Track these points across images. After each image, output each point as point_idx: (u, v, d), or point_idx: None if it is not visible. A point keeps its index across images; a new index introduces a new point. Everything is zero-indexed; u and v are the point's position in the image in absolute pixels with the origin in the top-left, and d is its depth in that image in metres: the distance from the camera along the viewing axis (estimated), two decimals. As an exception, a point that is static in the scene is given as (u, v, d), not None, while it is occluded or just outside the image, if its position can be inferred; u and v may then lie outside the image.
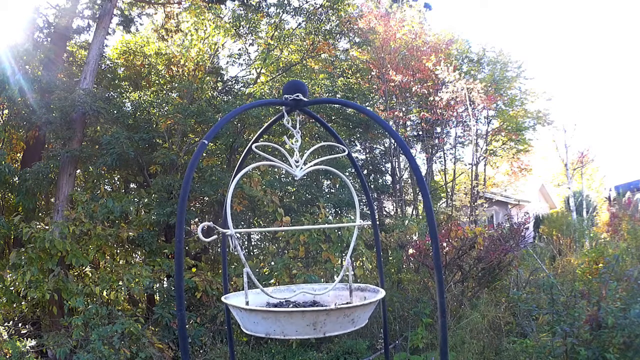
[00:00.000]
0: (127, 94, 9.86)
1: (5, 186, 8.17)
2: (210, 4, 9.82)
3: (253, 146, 1.65)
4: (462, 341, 5.83)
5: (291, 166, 1.67)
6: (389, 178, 12.93)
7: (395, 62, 12.14)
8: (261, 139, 1.98)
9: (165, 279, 8.38)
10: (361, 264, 9.66)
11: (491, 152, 14.86)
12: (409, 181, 13.03)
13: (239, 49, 10.72)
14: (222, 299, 1.61)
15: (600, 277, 4.75)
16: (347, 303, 1.70)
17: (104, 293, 6.68)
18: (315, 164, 1.72)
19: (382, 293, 1.60)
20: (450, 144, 13.63)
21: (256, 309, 1.39)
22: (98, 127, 8.83)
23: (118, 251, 8.34)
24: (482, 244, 6.96)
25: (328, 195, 9.71)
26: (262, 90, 9.72)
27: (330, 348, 6.78)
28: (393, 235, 9.00)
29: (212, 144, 8.97)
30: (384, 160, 13.13)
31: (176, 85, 9.85)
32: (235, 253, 1.49)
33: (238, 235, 1.48)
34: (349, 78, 12.01)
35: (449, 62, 12.19)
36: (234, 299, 1.62)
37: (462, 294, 7.05)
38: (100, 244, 7.34)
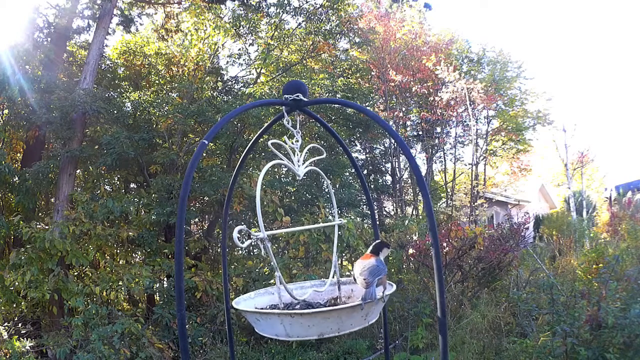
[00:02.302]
0: (127, 94, 9.86)
1: (5, 186, 8.17)
2: (210, 4, 9.82)
3: (269, 143, 1.65)
4: (462, 341, 5.83)
5: (294, 165, 1.68)
6: (389, 178, 12.93)
7: (395, 62, 12.14)
8: (261, 140, 1.98)
9: (165, 279, 8.39)
10: (361, 264, 9.64)
11: (491, 152, 14.86)
12: (409, 181, 13.03)
13: (239, 49, 10.72)
14: (236, 306, 1.58)
15: (600, 277, 4.74)
16: (337, 298, 1.77)
17: (104, 293, 6.68)
18: (311, 163, 1.73)
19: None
20: (450, 144, 13.65)
21: (319, 311, 1.36)
22: (98, 127, 8.83)
23: (118, 251, 8.35)
24: (482, 244, 6.96)
25: (328, 195, 9.70)
26: (262, 90, 9.72)
27: (330, 348, 6.78)
28: (393, 235, 9.00)
29: (212, 144, 8.97)
30: (384, 160, 13.13)
31: (176, 85, 9.85)
32: (265, 254, 1.50)
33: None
34: (349, 78, 12.01)
35: (449, 62, 12.19)
36: (244, 304, 1.65)
37: (462, 294, 7.05)
38: (100, 244, 7.34)
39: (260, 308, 1.64)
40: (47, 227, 6.80)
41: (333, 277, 1.78)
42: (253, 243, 1.43)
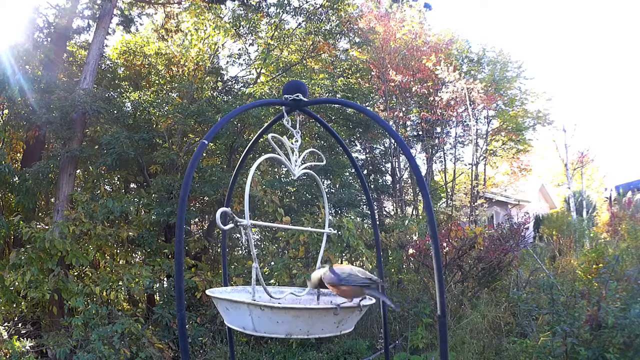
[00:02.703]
0: (127, 94, 9.86)
1: (5, 186, 8.17)
2: (210, 4, 9.82)
3: (269, 136, 1.64)
4: (462, 341, 5.83)
5: (292, 165, 1.68)
6: (389, 178, 12.93)
7: (395, 62, 12.14)
8: (261, 140, 1.98)
9: (165, 279, 8.39)
10: (361, 264, 9.65)
11: (491, 152, 14.86)
12: (409, 181, 13.02)
13: (239, 49, 10.72)
14: (209, 292, 1.51)
15: (600, 277, 4.74)
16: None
17: (104, 293, 6.68)
18: (308, 167, 1.73)
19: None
20: (450, 144, 13.64)
21: (290, 307, 1.31)
22: (98, 127, 8.83)
23: (118, 251, 8.35)
24: (482, 244, 6.96)
25: (328, 195, 9.70)
26: (262, 90, 9.72)
27: (330, 348, 6.78)
28: (393, 235, 8.99)
29: (212, 144, 8.97)
30: (384, 160, 13.13)
31: (176, 85, 9.85)
32: (246, 242, 1.45)
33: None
34: (349, 78, 12.01)
35: (449, 62, 12.18)
36: (217, 294, 1.58)
37: (462, 294, 7.05)
38: (100, 244, 7.34)
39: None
40: (47, 227, 6.80)
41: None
42: (240, 233, 1.40)
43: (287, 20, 10.63)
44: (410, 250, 7.27)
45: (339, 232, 7.25)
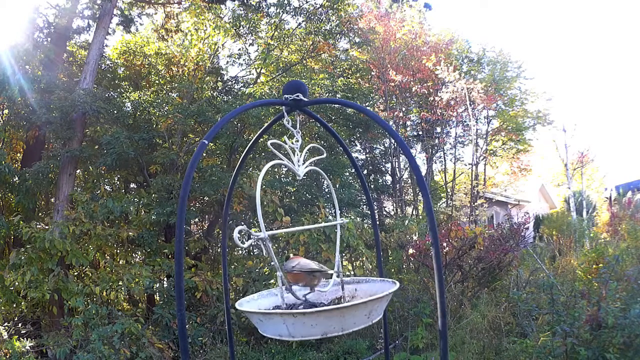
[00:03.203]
0: (127, 94, 9.86)
1: (5, 186, 8.17)
2: (210, 4, 9.82)
3: (269, 143, 1.65)
4: (462, 341, 5.83)
5: (294, 165, 1.68)
6: (389, 178, 12.93)
7: (395, 62, 12.14)
8: (261, 140, 1.98)
9: (165, 279, 8.39)
10: (361, 264, 9.65)
11: (491, 152, 14.86)
12: (409, 181, 13.03)
13: (239, 49, 10.73)
14: (239, 307, 1.57)
15: (600, 277, 4.74)
16: (340, 297, 1.77)
17: (104, 293, 6.68)
18: (311, 162, 1.73)
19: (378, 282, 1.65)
20: (450, 144, 13.65)
21: (322, 310, 1.34)
22: (98, 127, 8.83)
23: (118, 251, 8.35)
24: (482, 244, 6.96)
25: (328, 195, 9.70)
26: (262, 90, 9.72)
27: (330, 348, 6.78)
28: (393, 235, 9.00)
29: (212, 144, 8.97)
30: (384, 160, 13.13)
31: (176, 85, 9.85)
32: (266, 254, 1.49)
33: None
34: (349, 78, 12.01)
35: (449, 62, 12.19)
36: (247, 306, 1.64)
37: (462, 294, 7.05)
38: (100, 244, 7.34)
39: (264, 309, 1.64)
40: (47, 227, 6.80)
41: (337, 276, 1.78)
42: (254, 243, 1.42)
43: (287, 20, 10.64)
44: (410, 250, 7.27)
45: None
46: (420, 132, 13.02)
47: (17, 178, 8.00)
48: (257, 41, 10.58)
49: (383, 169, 13.14)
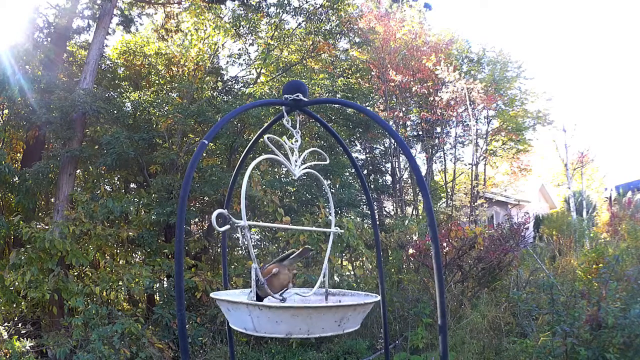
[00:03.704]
0: (127, 94, 9.86)
1: (5, 186, 8.17)
2: (210, 4, 9.82)
3: (265, 137, 1.64)
4: (462, 341, 5.83)
5: (292, 165, 1.67)
6: (389, 178, 12.93)
7: (395, 62, 12.14)
8: (261, 140, 1.98)
9: (165, 279, 8.39)
10: (361, 264, 9.65)
11: (491, 152, 14.86)
12: (409, 181, 13.02)
13: (239, 49, 10.72)
14: (212, 295, 1.52)
15: (600, 277, 4.75)
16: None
17: (104, 293, 6.68)
18: (309, 166, 1.73)
19: (361, 297, 1.63)
20: (450, 144, 13.64)
21: (288, 306, 1.32)
22: (98, 127, 8.83)
23: (118, 251, 8.35)
24: (482, 244, 6.96)
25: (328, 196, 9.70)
26: (262, 90, 9.72)
27: (330, 348, 6.78)
28: (393, 235, 8.99)
29: (212, 144, 8.97)
30: (384, 160, 13.13)
31: (176, 85, 9.85)
32: (244, 244, 1.47)
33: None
34: (349, 78, 12.01)
35: (449, 62, 12.18)
36: (222, 295, 1.59)
37: (462, 294, 7.05)
38: (100, 244, 7.34)
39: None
40: (47, 227, 6.79)
41: (321, 286, 1.74)
42: (239, 234, 1.40)
43: (287, 20, 10.64)
44: (410, 250, 7.28)
45: (339, 232, 7.24)
46: (420, 132, 13.02)
47: (17, 178, 8.00)
48: (257, 41, 10.58)
49: (383, 169, 13.14)
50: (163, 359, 6.19)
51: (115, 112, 8.11)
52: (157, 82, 10.54)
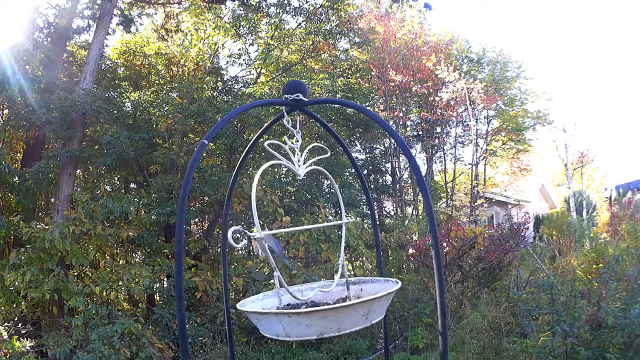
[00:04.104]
0: (127, 94, 9.86)
1: (5, 186, 8.17)
2: (210, 4, 9.82)
3: (265, 144, 1.64)
4: (462, 341, 5.83)
5: (295, 165, 1.67)
6: (389, 178, 12.93)
7: (395, 62, 12.14)
8: (261, 140, 1.98)
9: (165, 279, 8.39)
10: (361, 264, 9.64)
11: (491, 152, 14.86)
12: (409, 181, 13.03)
13: (239, 49, 10.72)
14: (239, 307, 1.56)
15: (600, 277, 4.75)
16: (346, 297, 1.76)
17: (104, 293, 6.68)
18: (313, 162, 1.73)
19: (384, 282, 1.66)
20: (450, 144, 13.65)
21: (316, 310, 1.34)
22: (98, 127, 8.83)
23: (118, 251, 8.35)
24: (482, 244, 6.96)
25: (328, 195, 9.71)
26: (262, 90, 9.72)
27: (330, 348, 6.78)
28: (393, 235, 9.00)
29: (212, 144, 8.97)
30: (384, 160, 13.13)
31: (176, 85, 9.85)
32: (262, 255, 1.48)
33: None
34: (349, 78, 12.01)
35: (449, 62, 12.19)
36: (249, 306, 1.64)
37: (462, 294, 7.05)
38: (100, 244, 7.34)
39: (267, 309, 1.64)
40: (47, 227, 6.79)
41: (341, 277, 1.78)
42: (251, 244, 1.42)
43: (287, 20, 10.64)
44: (410, 250, 7.27)
45: (339, 232, 7.25)
46: (420, 132, 13.02)
47: (17, 178, 8.00)
48: (257, 41, 10.58)
49: (383, 169, 13.14)
50: (163, 359, 6.19)
51: (115, 112, 8.11)
52: (157, 82, 10.54)
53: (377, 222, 2.14)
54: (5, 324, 6.71)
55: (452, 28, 19.98)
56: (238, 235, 1.44)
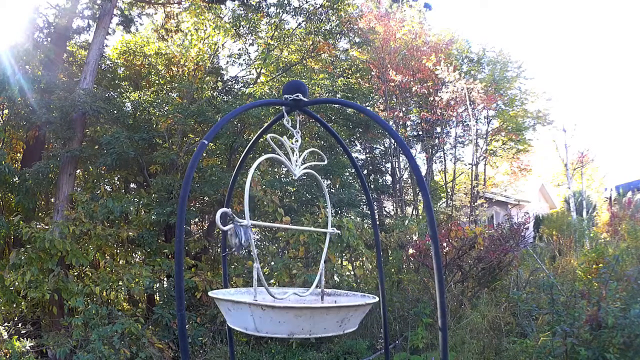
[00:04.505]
0: (127, 94, 9.86)
1: (5, 186, 8.17)
2: (210, 4, 9.82)
3: (268, 137, 1.64)
4: (462, 341, 5.83)
5: (292, 165, 1.68)
6: (389, 178, 12.93)
7: (395, 62, 12.13)
8: (261, 140, 1.98)
9: (165, 279, 8.39)
10: (361, 264, 9.64)
11: (491, 152, 14.85)
12: (409, 181, 13.02)
13: (239, 49, 10.72)
14: (211, 294, 1.52)
15: (600, 277, 4.75)
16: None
17: (104, 293, 6.68)
18: (310, 166, 1.73)
19: (358, 298, 1.63)
20: (450, 144, 13.64)
21: (292, 306, 1.31)
22: (98, 127, 8.83)
23: (118, 251, 8.35)
24: (482, 244, 6.96)
25: (328, 195, 9.69)
26: (262, 90, 9.72)
27: (330, 348, 6.78)
28: (393, 235, 8.99)
29: (212, 144, 8.97)
30: (384, 160, 13.12)
31: (176, 85, 9.85)
32: (245, 245, 1.45)
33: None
34: (349, 78, 12.00)
35: (449, 62, 12.18)
36: (220, 295, 1.59)
37: (462, 294, 7.05)
38: (100, 244, 7.34)
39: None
40: (47, 227, 6.79)
41: (317, 286, 1.75)
42: (243, 241, 1.41)
43: (287, 20, 10.63)
44: (410, 250, 7.27)
45: (339, 232, 7.25)
46: (420, 132, 13.02)
47: (17, 178, 8.00)
48: (257, 41, 10.57)
49: (383, 169, 13.13)
50: (163, 359, 6.20)
51: (115, 112, 8.11)
52: (157, 82, 10.54)
53: (377, 222, 2.15)
54: (5, 324, 6.71)
55: (452, 28, 19.98)
56: (226, 218, 1.44)
